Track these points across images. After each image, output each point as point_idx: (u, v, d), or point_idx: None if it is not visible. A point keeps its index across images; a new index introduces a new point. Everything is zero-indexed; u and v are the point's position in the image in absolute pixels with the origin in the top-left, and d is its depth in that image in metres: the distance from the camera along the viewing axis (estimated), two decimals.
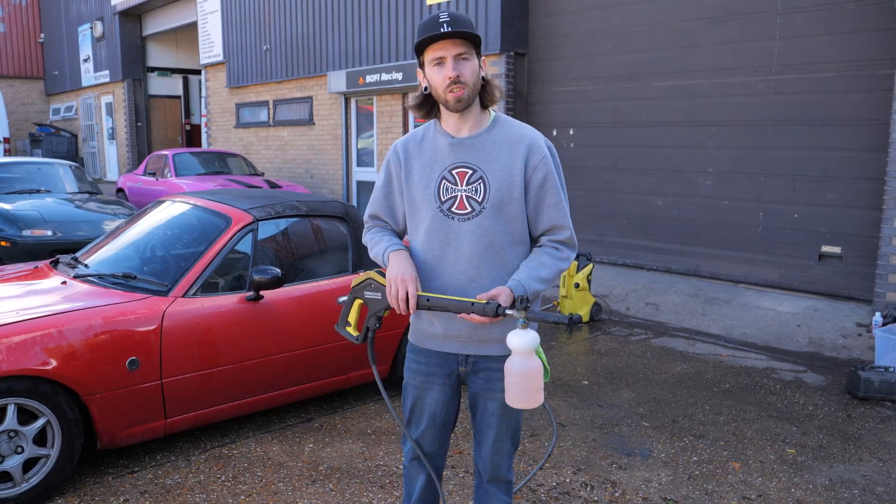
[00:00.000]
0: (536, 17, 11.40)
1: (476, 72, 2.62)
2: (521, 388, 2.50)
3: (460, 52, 2.57)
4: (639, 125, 10.08)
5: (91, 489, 4.20)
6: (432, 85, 2.64)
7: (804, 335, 7.51)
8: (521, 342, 2.47)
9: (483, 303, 2.49)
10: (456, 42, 2.56)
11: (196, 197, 5.58)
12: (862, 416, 5.53)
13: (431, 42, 2.57)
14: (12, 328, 3.94)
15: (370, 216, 2.94)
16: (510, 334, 2.49)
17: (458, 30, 2.53)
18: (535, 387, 2.52)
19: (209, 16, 19.18)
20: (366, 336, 2.80)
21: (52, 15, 28.72)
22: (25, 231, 9.05)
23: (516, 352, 2.49)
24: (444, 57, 2.57)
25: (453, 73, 2.56)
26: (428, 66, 2.63)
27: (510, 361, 2.51)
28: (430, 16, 2.59)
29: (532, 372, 2.49)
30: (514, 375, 2.50)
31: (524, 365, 2.49)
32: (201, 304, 4.60)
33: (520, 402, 2.53)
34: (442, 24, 2.52)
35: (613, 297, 9.17)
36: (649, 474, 4.52)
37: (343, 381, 5.34)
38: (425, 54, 2.62)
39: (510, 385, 2.51)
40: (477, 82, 2.64)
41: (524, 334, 2.47)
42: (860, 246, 8.05)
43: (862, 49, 7.92)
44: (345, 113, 15.28)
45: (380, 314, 2.71)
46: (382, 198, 2.89)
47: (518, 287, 2.57)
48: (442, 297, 2.57)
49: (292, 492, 4.21)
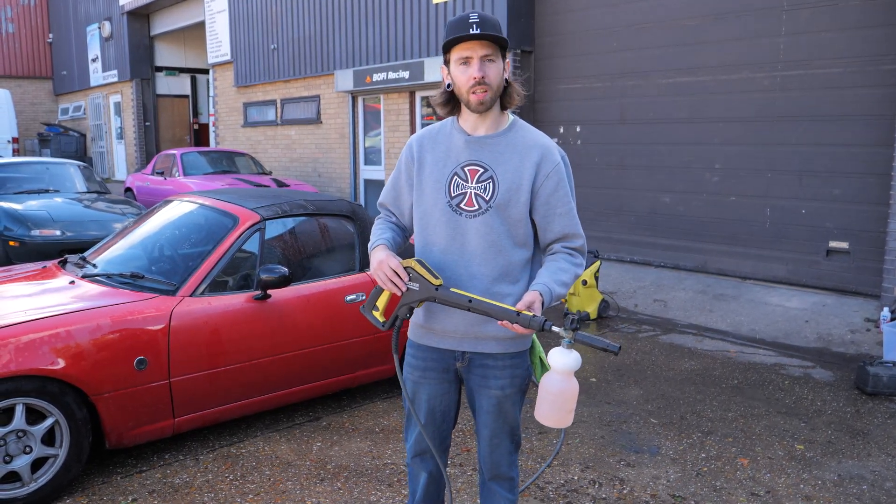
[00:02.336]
0: (542, 14, 11.38)
1: (500, 74, 2.65)
2: (555, 407, 2.50)
3: (486, 54, 2.59)
4: (645, 122, 10.06)
5: (99, 489, 4.22)
6: (456, 83, 2.67)
7: (812, 331, 7.49)
8: (564, 362, 2.46)
9: (530, 315, 2.45)
10: (484, 44, 2.59)
11: (203, 196, 5.59)
12: (870, 411, 5.52)
13: (459, 41, 2.59)
14: (20, 328, 3.95)
15: (379, 204, 3.02)
16: (553, 351, 2.49)
17: (487, 32, 2.56)
18: (569, 408, 2.51)
19: (217, 15, 19.21)
20: (393, 323, 2.77)
21: (61, 15, 28.82)
22: (34, 231, 9.08)
23: (556, 370, 2.48)
24: (471, 57, 2.60)
25: (478, 74, 2.59)
26: (454, 65, 2.65)
27: (548, 378, 2.51)
28: (460, 15, 2.61)
29: (569, 393, 2.49)
30: (550, 393, 2.49)
31: (562, 385, 2.48)
32: (209, 303, 4.61)
33: (549, 420, 2.53)
34: (471, 25, 2.55)
35: (621, 294, 9.16)
36: (657, 471, 4.52)
37: (351, 379, 5.34)
38: (452, 52, 2.65)
39: (543, 401, 2.51)
40: (500, 85, 2.66)
41: (568, 354, 2.46)
42: (868, 241, 8.02)
43: (868, 44, 7.88)
44: (352, 111, 15.29)
45: (413, 305, 2.67)
46: (391, 188, 2.95)
47: (545, 290, 2.59)
48: (485, 300, 2.54)
49: (300, 490, 4.22)
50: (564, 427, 2.56)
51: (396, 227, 2.94)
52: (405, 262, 2.64)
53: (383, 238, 2.82)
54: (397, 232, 2.92)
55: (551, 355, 2.49)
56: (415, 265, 2.62)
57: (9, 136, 22.88)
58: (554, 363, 2.47)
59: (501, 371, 2.77)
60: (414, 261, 2.63)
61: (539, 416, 2.54)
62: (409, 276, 2.63)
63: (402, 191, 2.90)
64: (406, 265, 2.63)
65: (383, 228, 2.90)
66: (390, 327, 2.78)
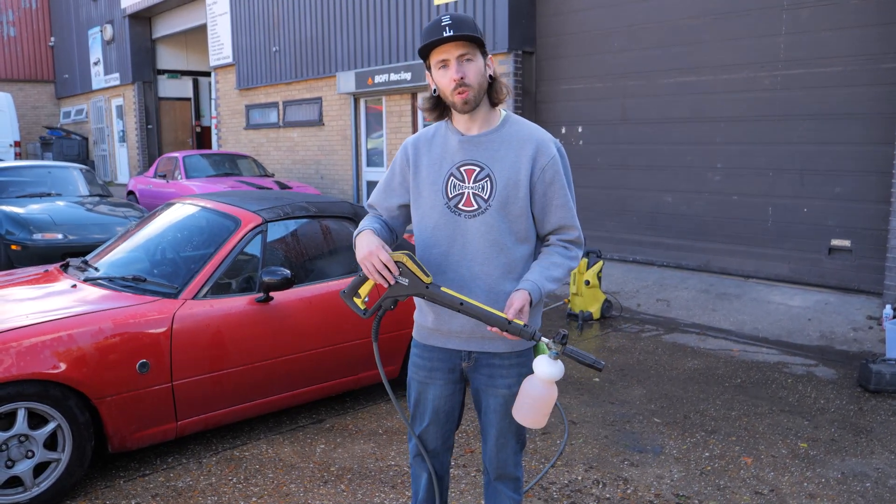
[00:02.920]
0: (544, 15, 11.38)
1: (481, 72, 2.63)
2: (533, 410, 2.58)
3: (463, 54, 2.59)
4: (647, 122, 10.06)
5: (102, 493, 4.22)
6: (440, 87, 2.67)
7: (815, 329, 7.48)
8: (549, 371, 2.51)
9: (521, 325, 2.50)
10: (458, 44, 2.58)
11: (205, 199, 5.59)
12: (873, 408, 5.51)
13: (434, 46, 2.59)
14: (22, 332, 3.96)
15: (368, 205, 3.02)
16: (538, 359, 2.53)
17: (459, 33, 2.55)
18: (545, 412, 2.59)
19: (218, 18, 19.22)
20: (375, 312, 2.74)
21: (63, 18, 28.86)
22: (36, 234, 9.09)
23: (540, 378, 2.53)
24: (448, 59, 2.59)
25: (457, 75, 2.58)
26: (434, 69, 2.65)
27: (529, 383, 2.56)
28: (433, 20, 2.61)
29: (548, 399, 2.55)
30: (530, 398, 2.56)
31: (543, 391, 2.55)
32: (211, 305, 4.61)
33: (526, 421, 2.60)
34: (444, 28, 2.54)
35: (624, 293, 9.16)
36: (661, 471, 4.51)
37: (354, 381, 5.34)
38: (430, 58, 2.64)
39: (523, 404, 2.58)
40: (483, 82, 2.65)
41: (553, 364, 2.51)
42: (870, 239, 8.02)
43: (868, 43, 7.88)
44: (354, 113, 15.29)
45: (400, 298, 2.65)
46: (381, 190, 2.94)
47: (534, 288, 2.60)
48: (476, 304, 2.55)
49: (304, 493, 4.22)
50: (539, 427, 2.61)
51: (384, 223, 2.91)
52: (395, 255, 2.61)
53: (368, 225, 2.80)
54: (384, 226, 2.89)
55: (537, 363, 2.53)
56: (405, 260, 2.59)
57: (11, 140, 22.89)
58: (539, 371, 2.53)
59: (508, 370, 2.78)
60: (404, 255, 2.60)
61: (516, 414, 2.61)
62: (400, 270, 2.60)
63: (393, 192, 2.89)
64: (396, 259, 2.60)
65: (371, 220, 2.88)
66: (371, 315, 2.75)
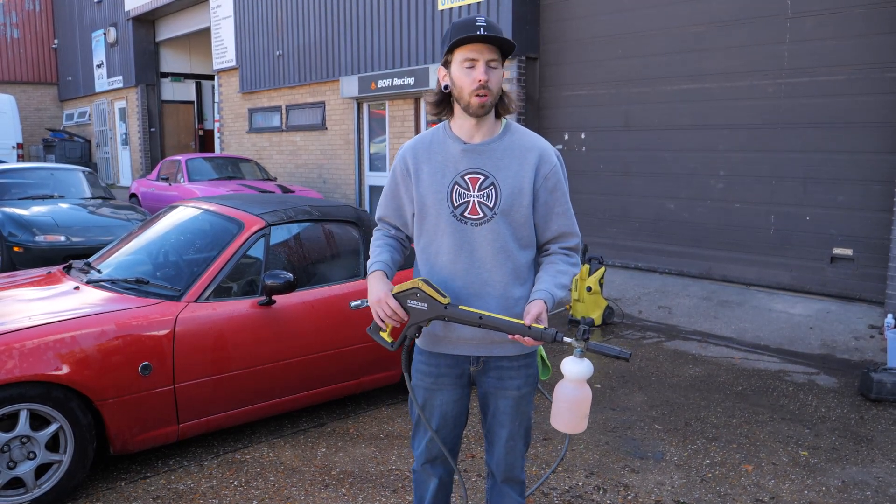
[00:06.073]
0: (547, 21, 11.40)
1: (500, 81, 2.65)
2: (570, 414, 2.56)
3: (491, 59, 2.59)
4: (650, 129, 10.07)
5: (104, 495, 4.22)
6: (458, 85, 2.63)
7: (816, 337, 7.48)
8: (577, 370, 2.50)
9: (541, 328, 2.50)
10: (490, 48, 2.58)
11: (208, 202, 5.60)
12: (874, 417, 5.51)
13: (465, 42, 2.57)
14: (24, 334, 3.96)
15: (378, 218, 2.98)
16: (566, 361, 2.53)
17: (495, 35, 2.55)
18: (583, 413, 2.56)
19: (222, 21, 19.26)
20: (402, 343, 2.75)
21: (66, 21, 28.90)
22: (39, 237, 9.11)
23: (569, 379, 2.53)
24: (477, 60, 2.58)
25: (484, 77, 2.57)
26: (456, 66, 2.62)
27: (562, 387, 2.55)
28: (465, 18, 2.60)
29: (582, 399, 2.54)
30: (565, 401, 2.55)
31: (576, 392, 2.53)
32: (214, 309, 4.62)
33: (565, 427, 2.57)
34: (479, 28, 2.54)
35: (626, 300, 9.16)
36: (662, 477, 4.51)
37: (356, 385, 5.35)
38: (456, 53, 2.61)
39: (559, 410, 2.56)
40: (499, 92, 2.67)
41: (580, 363, 2.50)
42: (872, 248, 8.01)
43: (872, 51, 7.89)
44: (357, 118, 15.31)
45: (422, 324, 2.66)
46: (390, 200, 2.91)
47: (547, 296, 2.62)
48: (495, 315, 2.56)
49: (305, 496, 4.22)
50: (580, 432, 2.59)
51: (395, 243, 2.92)
52: (412, 282, 2.63)
53: (381, 261, 2.81)
54: (396, 249, 2.90)
55: (564, 365, 2.52)
56: (422, 285, 2.62)
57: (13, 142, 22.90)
58: (567, 372, 2.52)
59: (517, 371, 2.80)
60: (420, 281, 2.63)
61: (556, 423, 2.58)
62: (417, 297, 2.63)
63: (402, 202, 2.87)
64: (413, 286, 2.62)
65: (381, 248, 2.88)
66: (398, 347, 2.77)
